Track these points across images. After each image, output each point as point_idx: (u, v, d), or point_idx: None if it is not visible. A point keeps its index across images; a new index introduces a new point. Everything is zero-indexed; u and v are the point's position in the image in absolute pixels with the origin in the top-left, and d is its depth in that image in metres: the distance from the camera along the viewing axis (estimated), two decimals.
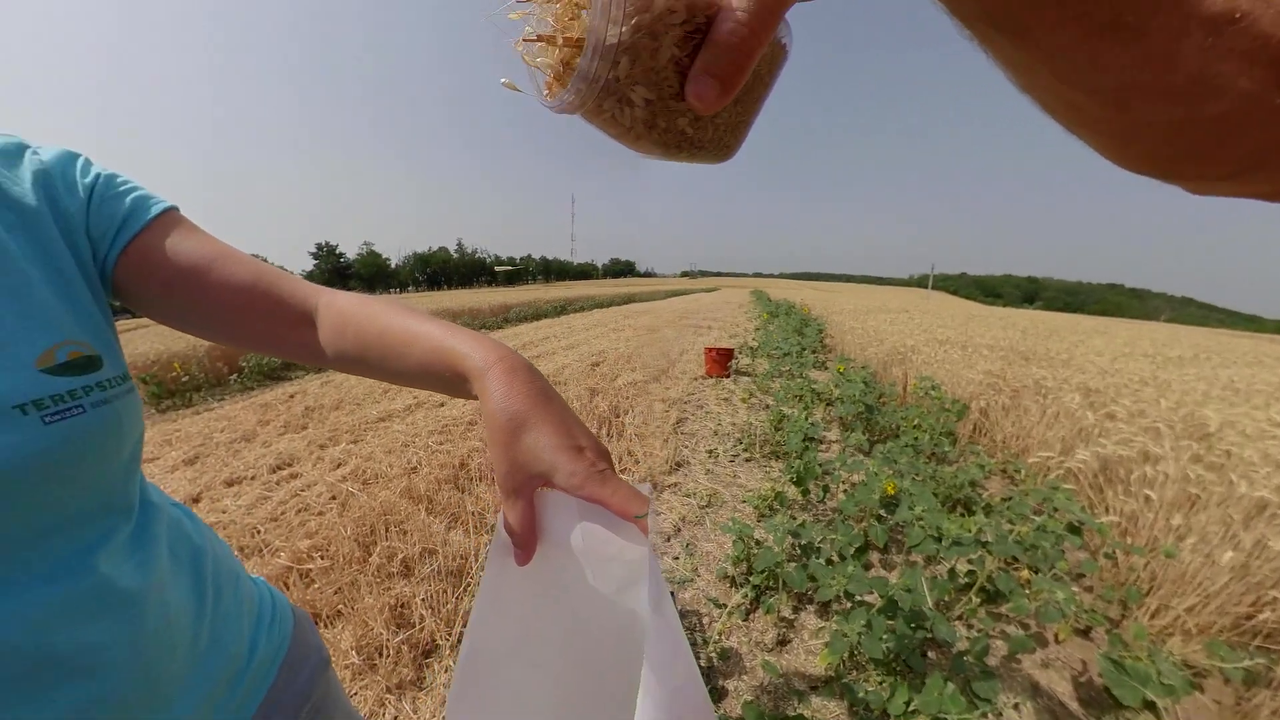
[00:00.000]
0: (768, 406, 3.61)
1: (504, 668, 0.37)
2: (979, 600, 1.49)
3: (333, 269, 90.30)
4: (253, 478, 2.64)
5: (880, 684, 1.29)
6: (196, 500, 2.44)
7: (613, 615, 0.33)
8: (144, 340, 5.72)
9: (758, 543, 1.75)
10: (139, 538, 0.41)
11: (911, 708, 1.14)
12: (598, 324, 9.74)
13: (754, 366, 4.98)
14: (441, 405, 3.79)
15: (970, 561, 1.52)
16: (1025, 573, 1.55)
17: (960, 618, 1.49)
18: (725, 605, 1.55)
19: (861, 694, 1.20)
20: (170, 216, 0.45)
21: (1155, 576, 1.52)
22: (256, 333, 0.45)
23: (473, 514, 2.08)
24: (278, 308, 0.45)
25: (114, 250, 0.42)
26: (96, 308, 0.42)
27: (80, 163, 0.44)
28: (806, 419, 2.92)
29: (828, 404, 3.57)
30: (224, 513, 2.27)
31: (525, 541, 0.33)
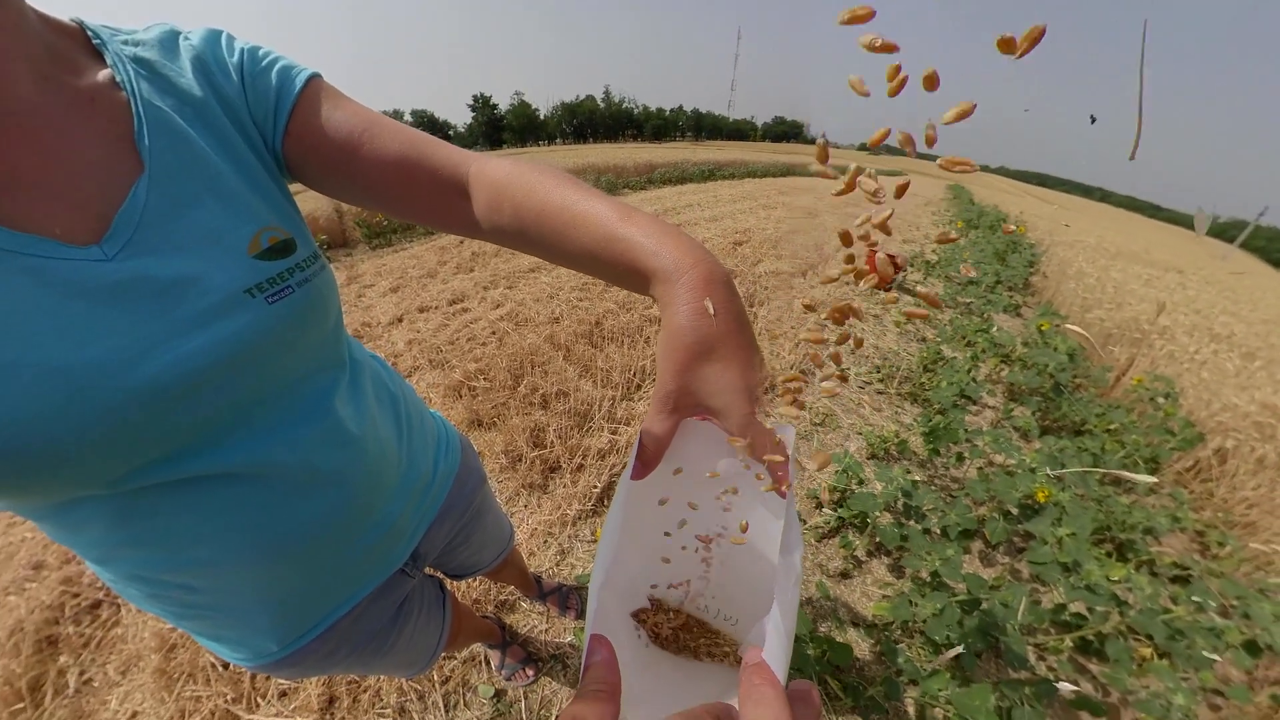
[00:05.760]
0: (924, 339, 3.14)
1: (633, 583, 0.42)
2: (1071, 644, 1.38)
3: (488, 121, 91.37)
4: (436, 307, 3.16)
5: (924, 661, 1.33)
6: (400, 320, 3.01)
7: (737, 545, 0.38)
8: None
9: (861, 482, 1.71)
10: (353, 388, 0.50)
11: (944, 696, 1.18)
12: (747, 196, 8.53)
13: (924, 286, 4.19)
14: None
15: (1089, 611, 1.36)
16: (1147, 650, 1.37)
17: (1039, 646, 1.42)
18: (804, 521, 1.62)
19: (902, 660, 1.26)
20: (315, 85, 0.42)
21: None
22: (415, 206, 0.43)
23: (602, 370, 2.28)
24: (432, 180, 0.42)
25: (278, 131, 0.41)
26: (278, 191, 0.42)
27: (224, 41, 0.40)
28: (969, 373, 2.51)
29: (1003, 360, 3.00)
30: (418, 332, 2.79)
31: (654, 460, 0.32)
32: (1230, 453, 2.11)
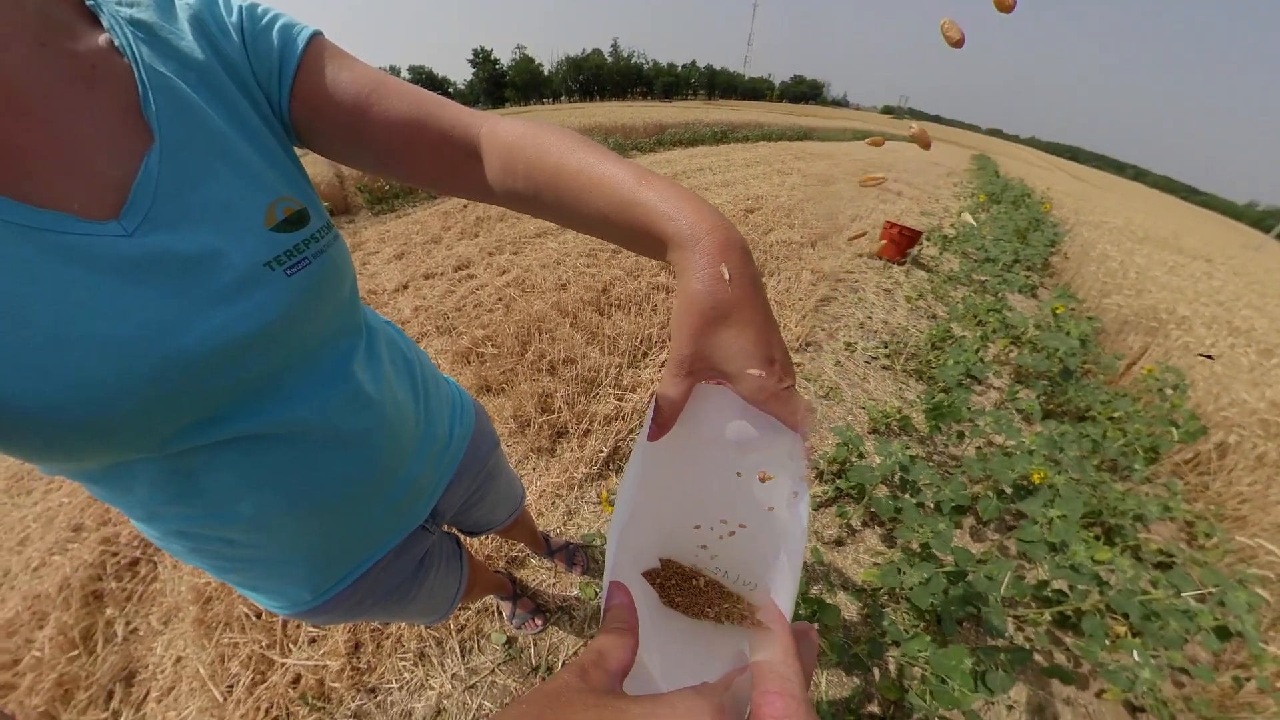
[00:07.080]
0: (934, 316, 3.10)
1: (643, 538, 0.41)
2: (1050, 618, 1.45)
3: (490, 77, 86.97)
4: (441, 274, 3.12)
5: (907, 625, 1.41)
6: (405, 287, 2.96)
7: (749, 507, 0.37)
8: None
9: (860, 455, 1.75)
10: (369, 354, 0.51)
11: (923, 657, 1.26)
12: (761, 161, 8.20)
13: (939, 261, 4.02)
14: None
15: (1070, 589, 1.42)
16: (1122, 629, 1.43)
17: (1019, 618, 1.49)
18: None
19: (886, 623, 1.33)
20: (318, 44, 0.41)
21: None
22: (426, 170, 0.42)
23: (609, 337, 2.29)
24: (442, 142, 0.41)
25: (284, 94, 0.39)
26: (288, 158, 0.41)
27: None
28: (977, 353, 2.51)
29: (1013, 341, 2.97)
30: (424, 298, 2.76)
31: (669, 422, 0.33)
32: (1231, 448, 2.12)
